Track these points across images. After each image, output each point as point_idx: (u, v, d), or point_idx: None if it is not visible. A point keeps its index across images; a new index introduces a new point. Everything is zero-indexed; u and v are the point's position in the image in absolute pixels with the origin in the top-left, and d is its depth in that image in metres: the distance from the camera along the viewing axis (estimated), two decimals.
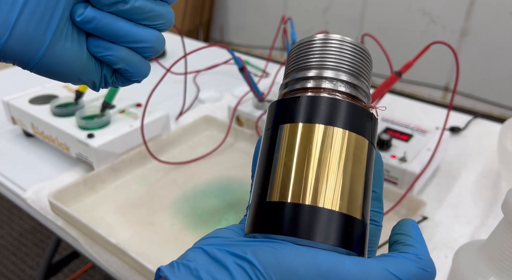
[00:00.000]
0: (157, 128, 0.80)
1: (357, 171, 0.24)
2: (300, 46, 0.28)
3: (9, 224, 1.67)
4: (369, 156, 0.25)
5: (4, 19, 0.23)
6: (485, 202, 0.70)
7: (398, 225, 0.27)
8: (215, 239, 0.24)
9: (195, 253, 0.23)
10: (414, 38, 2.38)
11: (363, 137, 0.25)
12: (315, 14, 2.68)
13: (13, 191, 0.72)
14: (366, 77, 0.27)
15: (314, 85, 0.26)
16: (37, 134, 0.80)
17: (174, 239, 0.61)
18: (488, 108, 2.36)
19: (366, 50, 0.27)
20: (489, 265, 0.43)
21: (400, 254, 0.24)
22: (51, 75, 0.26)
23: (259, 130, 0.81)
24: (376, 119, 0.26)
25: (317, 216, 0.23)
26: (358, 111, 0.25)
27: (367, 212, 0.24)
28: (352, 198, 0.23)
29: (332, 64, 0.26)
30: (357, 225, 0.23)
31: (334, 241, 0.22)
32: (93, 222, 0.61)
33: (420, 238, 0.25)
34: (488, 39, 2.21)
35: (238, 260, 0.22)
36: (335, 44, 0.26)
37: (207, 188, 0.71)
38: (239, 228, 0.26)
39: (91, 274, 1.44)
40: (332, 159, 0.24)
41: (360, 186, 0.24)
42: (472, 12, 2.20)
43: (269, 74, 1.12)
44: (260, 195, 0.24)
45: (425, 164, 0.68)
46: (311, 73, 0.26)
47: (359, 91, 0.26)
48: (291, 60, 0.28)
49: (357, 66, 0.26)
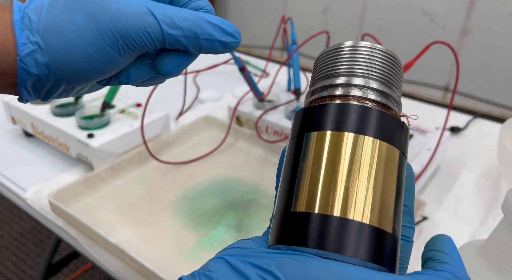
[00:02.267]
0: (157, 128, 0.80)
1: (388, 183, 0.23)
2: (328, 54, 0.27)
3: (9, 224, 1.67)
4: (401, 167, 0.24)
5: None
6: (485, 202, 0.70)
7: (432, 240, 0.26)
8: (238, 250, 0.23)
9: (217, 263, 0.22)
10: (414, 38, 2.38)
11: (394, 146, 0.24)
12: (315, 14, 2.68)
13: (13, 191, 0.72)
14: (397, 86, 0.26)
15: (343, 93, 0.25)
16: (37, 134, 0.80)
17: (174, 239, 0.61)
18: (488, 108, 2.36)
19: (396, 58, 0.26)
20: (489, 265, 0.43)
21: (435, 272, 0.22)
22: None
23: (259, 130, 0.81)
24: (408, 128, 0.25)
25: (347, 228, 0.21)
26: (389, 119, 0.24)
27: (398, 226, 0.23)
28: (383, 211, 0.22)
29: (362, 71, 0.25)
30: (388, 239, 0.22)
31: (363, 256, 0.21)
32: (93, 222, 0.61)
33: (456, 256, 0.24)
34: (488, 39, 2.21)
35: (262, 273, 0.21)
36: (365, 51, 0.26)
37: (207, 188, 0.71)
38: (262, 240, 0.25)
39: (91, 274, 1.44)
40: (362, 169, 0.22)
41: (391, 198, 0.23)
42: (472, 12, 2.20)
43: (269, 74, 1.12)
44: (285, 205, 0.23)
45: (425, 164, 0.68)
46: (340, 80, 0.25)
47: (389, 100, 0.25)
48: (318, 68, 0.27)
49: (388, 74, 0.25)
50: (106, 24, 0.26)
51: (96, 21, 0.26)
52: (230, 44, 0.29)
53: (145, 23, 0.27)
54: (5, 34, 0.26)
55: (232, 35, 0.29)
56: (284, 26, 0.87)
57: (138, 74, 0.31)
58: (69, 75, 0.27)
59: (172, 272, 0.54)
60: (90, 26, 0.26)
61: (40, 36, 0.26)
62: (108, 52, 0.27)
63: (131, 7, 0.27)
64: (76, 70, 0.27)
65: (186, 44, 0.28)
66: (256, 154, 0.80)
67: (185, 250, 0.59)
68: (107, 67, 0.28)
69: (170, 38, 0.27)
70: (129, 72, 0.30)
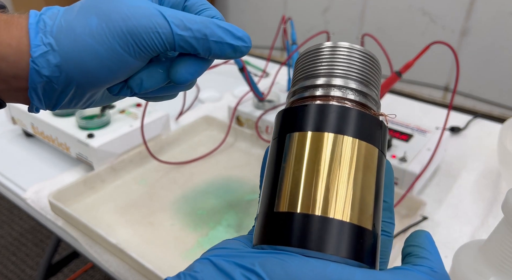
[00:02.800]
0: (157, 128, 0.80)
1: (368, 181, 0.23)
2: (308, 54, 0.27)
3: (9, 224, 1.67)
4: (380, 165, 0.24)
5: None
6: (485, 202, 0.70)
7: (411, 236, 0.26)
8: (223, 251, 0.24)
9: (202, 264, 0.23)
10: (414, 38, 2.38)
11: (373, 145, 0.24)
12: (315, 14, 2.68)
13: (13, 191, 0.72)
14: (375, 85, 0.27)
15: (323, 93, 0.25)
16: (37, 134, 0.80)
17: (174, 239, 0.61)
18: (488, 108, 2.36)
19: (375, 58, 0.27)
20: (489, 265, 0.43)
21: (414, 266, 0.23)
22: None
23: (259, 130, 0.81)
24: (386, 127, 0.26)
25: (327, 227, 0.22)
26: (368, 119, 0.25)
27: (378, 223, 0.24)
28: (363, 209, 0.23)
29: (341, 72, 0.26)
30: (368, 236, 0.23)
31: (344, 253, 0.22)
32: (93, 222, 0.61)
33: (434, 251, 0.25)
34: (488, 39, 2.21)
35: (246, 272, 0.21)
36: (344, 51, 0.26)
37: (207, 188, 0.71)
38: (247, 239, 0.25)
39: (91, 274, 1.44)
40: (342, 168, 0.23)
41: (371, 196, 0.23)
42: (472, 12, 2.20)
43: (269, 74, 1.12)
44: (268, 205, 0.24)
45: (425, 164, 0.68)
46: (320, 81, 0.26)
47: (368, 99, 0.26)
48: (299, 68, 0.28)
49: (366, 74, 0.26)
50: (118, 24, 0.27)
51: (108, 22, 0.27)
52: (240, 48, 0.29)
53: (155, 24, 0.27)
54: (20, 37, 0.27)
55: (242, 39, 0.29)
56: (284, 26, 0.87)
57: (151, 81, 0.31)
58: (80, 76, 0.28)
59: (172, 272, 0.54)
60: (102, 26, 0.27)
61: (54, 38, 0.27)
62: (119, 52, 0.27)
63: (143, 9, 0.27)
64: (87, 71, 0.28)
65: (196, 45, 0.28)
66: (256, 154, 0.80)
67: (185, 250, 0.59)
68: (118, 68, 0.28)
69: (180, 39, 0.28)
70: (141, 78, 0.30)
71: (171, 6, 0.31)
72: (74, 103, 0.30)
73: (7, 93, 0.29)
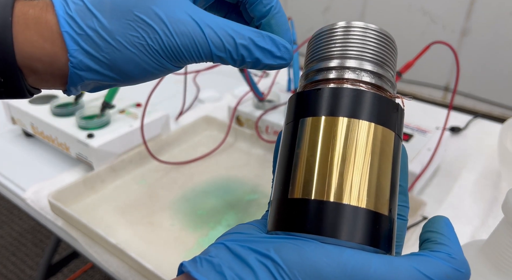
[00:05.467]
0: (157, 128, 0.80)
1: (384, 166, 0.23)
2: (321, 35, 0.26)
3: (9, 224, 1.67)
4: (396, 149, 0.24)
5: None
6: (485, 202, 0.70)
7: (429, 222, 0.26)
8: (238, 235, 0.24)
9: (218, 249, 0.23)
10: (414, 38, 2.37)
11: (389, 129, 0.24)
12: (315, 14, 2.67)
13: (12, 191, 0.72)
14: (391, 66, 0.26)
15: (336, 76, 0.25)
16: (37, 134, 0.80)
17: (174, 239, 0.61)
18: (488, 108, 2.36)
19: (390, 37, 0.26)
20: (489, 265, 0.43)
21: (432, 252, 0.23)
22: None
23: (259, 130, 0.81)
24: (403, 110, 0.25)
25: (342, 213, 0.22)
26: (384, 102, 0.24)
27: (394, 208, 0.23)
28: (379, 194, 0.22)
29: (355, 53, 0.25)
30: (384, 221, 0.22)
31: (360, 239, 0.21)
32: (92, 222, 0.61)
33: (453, 237, 0.24)
34: (488, 39, 2.21)
35: (261, 258, 0.21)
36: (358, 31, 0.25)
37: (207, 188, 0.71)
38: (261, 224, 0.25)
39: (91, 274, 1.44)
40: (357, 153, 0.22)
41: (387, 181, 0.23)
42: (472, 12, 2.20)
43: (269, 74, 1.12)
44: (282, 191, 0.24)
45: (425, 164, 0.68)
46: (333, 63, 0.25)
47: (384, 81, 0.25)
48: (312, 50, 0.27)
49: (382, 55, 0.25)
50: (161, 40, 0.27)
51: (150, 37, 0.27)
52: (278, 66, 0.30)
53: (197, 43, 0.28)
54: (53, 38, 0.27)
55: (281, 58, 0.29)
56: None
57: None
58: (119, 78, 0.28)
59: (172, 272, 0.54)
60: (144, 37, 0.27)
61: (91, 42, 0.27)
62: (160, 60, 0.28)
63: (186, 25, 0.27)
64: (127, 75, 0.28)
65: (231, 63, 0.29)
66: (256, 154, 0.80)
67: (185, 250, 0.59)
68: (157, 73, 0.29)
69: (218, 58, 0.29)
70: None
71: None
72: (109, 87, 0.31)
73: (44, 84, 0.29)
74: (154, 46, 0.27)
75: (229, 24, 0.28)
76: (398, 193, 0.24)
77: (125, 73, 0.28)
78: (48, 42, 0.26)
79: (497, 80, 2.27)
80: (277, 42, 0.29)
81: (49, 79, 0.28)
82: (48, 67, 0.27)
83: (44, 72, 0.27)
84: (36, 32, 0.26)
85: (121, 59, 0.27)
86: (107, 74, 0.28)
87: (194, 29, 0.27)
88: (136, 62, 0.28)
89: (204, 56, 0.28)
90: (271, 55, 0.29)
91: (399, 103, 0.25)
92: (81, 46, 0.27)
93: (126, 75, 0.28)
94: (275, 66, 0.30)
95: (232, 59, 0.28)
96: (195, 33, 0.27)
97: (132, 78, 0.29)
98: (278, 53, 0.29)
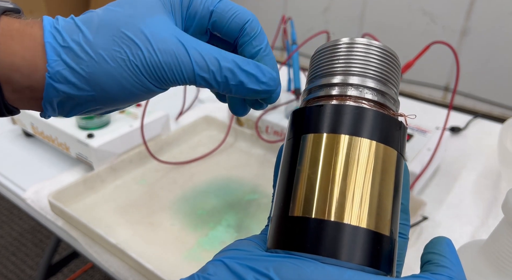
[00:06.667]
0: (157, 128, 0.80)
1: (386, 185, 0.23)
2: (324, 51, 0.26)
3: (9, 224, 1.67)
4: (398, 168, 0.23)
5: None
6: (485, 202, 0.70)
7: (431, 243, 0.26)
8: (236, 252, 0.23)
9: (216, 266, 0.22)
10: (414, 38, 2.37)
11: (392, 147, 0.23)
12: (315, 14, 2.67)
13: (13, 191, 0.72)
14: (394, 83, 0.25)
15: (339, 93, 0.24)
16: (37, 134, 0.80)
17: (174, 239, 0.61)
18: (488, 108, 2.36)
19: (394, 54, 0.26)
20: (489, 265, 0.43)
21: (433, 275, 0.22)
22: None
23: (259, 130, 0.81)
24: (406, 128, 0.25)
25: (342, 233, 0.21)
26: (386, 120, 0.23)
27: (395, 228, 0.23)
28: (381, 214, 0.22)
29: (358, 69, 0.24)
30: (385, 242, 0.22)
31: (360, 260, 0.21)
32: (93, 222, 0.61)
33: (455, 259, 0.24)
34: (488, 39, 2.21)
35: (260, 276, 0.21)
36: (361, 48, 0.25)
37: (207, 188, 0.71)
38: (260, 240, 0.25)
39: (91, 274, 1.44)
40: (358, 172, 0.22)
41: (388, 201, 0.22)
42: (472, 12, 2.20)
43: None
44: (283, 208, 0.23)
45: (425, 164, 0.68)
46: (336, 79, 0.25)
47: (387, 98, 0.25)
48: (314, 65, 0.27)
49: (385, 72, 0.25)
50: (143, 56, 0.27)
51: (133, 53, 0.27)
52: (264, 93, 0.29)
53: (180, 62, 0.27)
54: (34, 49, 0.26)
55: (266, 84, 0.29)
56: (284, 26, 0.87)
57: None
58: (99, 96, 0.28)
59: (172, 272, 0.54)
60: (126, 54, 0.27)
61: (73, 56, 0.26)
62: (142, 80, 0.28)
63: (169, 44, 0.27)
64: (107, 93, 0.27)
65: (215, 86, 0.28)
66: (256, 154, 0.80)
67: (185, 250, 0.59)
68: (139, 93, 0.28)
69: (201, 79, 0.28)
70: None
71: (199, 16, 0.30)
72: (88, 114, 0.30)
73: (20, 102, 0.28)
74: (135, 61, 0.27)
75: (215, 49, 0.28)
76: (399, 212, 0.24)
77: (103, 89, 0.27)
78: (29, 51, 0.26)
79: (497, 80, 2.27)
80: (263, 68, 0.29)
81: (26, 93, 0.27)
82: (26, 79, 0.26)
83: (21, 84, 0.27)
84: (19, 42, 0.26)
85: (100, 72, 0.27)
86: (84, 88, 0.27)
87: (178, 48, 0.27)
88: (115, 78, 0.27)
89: (187, 76, 0.28)
90: (256, 79, 0.29)
91: (402, 121, 0.25)
92: (61, 58, 0.26)
93: (104, 92, 0.27)
94: (260, 92, 0.29)
95: (215, 81, 0.28)
96: (178, 51, 0.27)
97: (111, 96, 0.28)
98: (264, 78, 0.29)
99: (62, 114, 0.29)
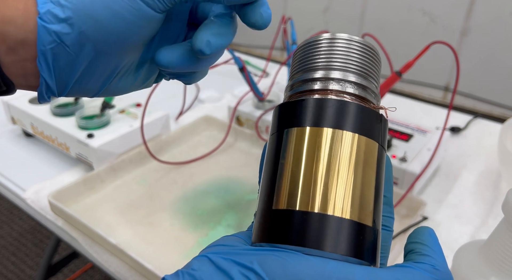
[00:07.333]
0: (157, 128, 0.80)
1: (368, 176, 0.23)
2: (306, 46, 0.27)
3: (9, 224, 1.67)
4: (380, 160, 0.24)
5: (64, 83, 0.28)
6: (485, 202, 0.70)
7: (414, 233, 0.26)
8: (221, 248, 0.23)
9: (200, 262, 0.23)
10: (414, 38, 2.37)
11: (373, 140, 0.24)
12: (315, 14, 2.68)
13: (12, 191, 0.72)
14: (375, 77, 0.26)
15: (321, 87, 0.25)
16: (37, 134, 0.80)
17: (174, 239, 0.61)
18: (489, 108, 2.36)
19: (374, 49, 0.26)
20: (489, 265, 0.43)
21: (416, 264, 0.23)
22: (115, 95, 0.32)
23: (259, 130, 0.81)
24: (386, 121, 0.25)
25: (326, 224, 0.21)
26: (367, 113, 0.24)
27: (378, 219, 0.23)
28: (363, 205, 0.22)
29: (340, 64, 0.25)
30: (368, 232, 0.22)
31: (344, 251, 0.21)
32: (92, 222, 0.61)
33: (437, 248, 0.24)
34: (488, 39, 2.21)
35: (244, 270, 0.21)
36: (342, 43, 0.25)
37: (207, 188, 0.71)
38: (246, 236, 0.25)
39: (91, 274, 1.44)
40: (341, 164, 0.23)
41: (371, 192, 0.23)
42: (472, 12, 2.20)
43: (269, 74, 1.12)
44: (267, 202, 0.24)
45: (425, 164, 0.68)
46: (318, 74, 0.25)
47: (367, 92, 0.25)
48: (297, 61, 0.27)
49: (365, 66, 0.25)
50: None
51: None
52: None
53: None
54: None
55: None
56: (284, 26, 0.87)
57: (174, 51, 0.29)
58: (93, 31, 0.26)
59: (172, 272, 0.54)
60: None
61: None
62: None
63: None
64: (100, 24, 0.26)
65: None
66: (256, 154, 0.80)
67: (185, 250, 0.59)
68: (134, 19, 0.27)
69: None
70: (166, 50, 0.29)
71: None
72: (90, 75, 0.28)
73: (15, 68, 0.27)
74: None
75: None
76: (382, 203, 0.24)
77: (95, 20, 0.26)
78: (21, 1, 0.26)
79: (497, 80, 2.27)
80: None
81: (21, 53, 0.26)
82: (20, 31, 0.26)
83: (16, 38, 0.26)
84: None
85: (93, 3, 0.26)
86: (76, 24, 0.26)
87: None
88: (104, 2, 0.26)
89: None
90: None
91: (382, 114, 0.25)
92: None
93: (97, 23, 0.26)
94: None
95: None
96: None
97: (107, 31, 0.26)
98: None
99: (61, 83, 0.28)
